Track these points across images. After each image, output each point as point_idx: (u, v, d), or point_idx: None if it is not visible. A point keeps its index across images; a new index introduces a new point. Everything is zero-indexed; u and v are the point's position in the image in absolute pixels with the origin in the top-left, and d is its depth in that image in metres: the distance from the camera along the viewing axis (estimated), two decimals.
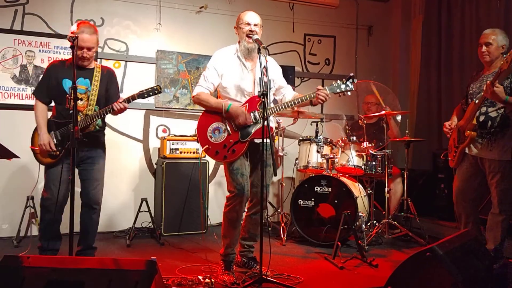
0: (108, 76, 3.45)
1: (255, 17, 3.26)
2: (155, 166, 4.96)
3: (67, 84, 3.27)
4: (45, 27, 4.54)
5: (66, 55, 4.51)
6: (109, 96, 3.44)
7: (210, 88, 3.26)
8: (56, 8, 4.60)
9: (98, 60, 4.75)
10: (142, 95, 3.27)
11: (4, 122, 4.36)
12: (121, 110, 3.30)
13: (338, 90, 3.14)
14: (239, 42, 3.32)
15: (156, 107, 4.99)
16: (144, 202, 4.39)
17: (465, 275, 2.15)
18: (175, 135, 4.81)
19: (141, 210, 4.38)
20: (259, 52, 2.98)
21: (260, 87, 3.07)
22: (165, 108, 5.01)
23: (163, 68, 4.99)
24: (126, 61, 4.90)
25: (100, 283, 1.89)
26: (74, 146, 2.69)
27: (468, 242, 2.44)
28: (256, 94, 3.20)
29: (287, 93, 3.46)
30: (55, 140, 3.29)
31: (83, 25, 3.23)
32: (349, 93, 3.15)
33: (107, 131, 4.78)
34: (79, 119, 3.24)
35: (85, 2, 4.71)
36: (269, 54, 3.05)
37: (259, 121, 3.14)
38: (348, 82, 3.14)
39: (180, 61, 5.06)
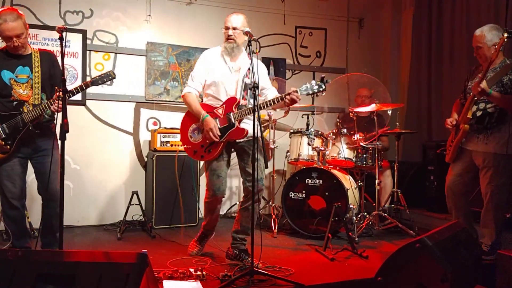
0: (49, 60, 3.26)
1: (235, 20, 3.32)
2: (145, 159, 4.94)
3: (6, 75, 3.11)
4: (33, 18, 4.47)
5: (55, 46, 4.46)
6: (54, 82, 3.25)
7: (198, 88, 3.38)
8: None
9: (87, 52, 4.70)
10: (95, 81, 3.07)
11: None
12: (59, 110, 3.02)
13: (311, 92, 3.20)
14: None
15: (146, 100, 4.96)
16: (135, 195, 4.37)
17: (454, 266, 2.18)
18: (165, 128, 4.79)
19: (131, 203, 4.37)
20: (249, 44, 3.00)
21: (251, 79, 3.08)
22: (155, 100, 4.98)
23: (153, 60, 4.95)
24: (116, 53, 4.85)
25: (91, 276, 1.88)
26: (63, 139, 2.64)
27: (457, 233, 2.46)
28: (238, 95, 3.31)
29: (269, 94, 3.49)
30: (3, 134, 3.10)
31: (4, 12, 2.99)
32: (322, 93, 3.20)
33: (97, 123, 4.79)
34: (25, 110, 3.11)
35: None
36: (260, 47, 3.04)
37: (234, 123, 3.24)
38: (321, 84, 3.18)
39: (171, 53, 5.02)
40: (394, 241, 4.17)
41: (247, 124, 3.31)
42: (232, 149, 3.46)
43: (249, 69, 3.29)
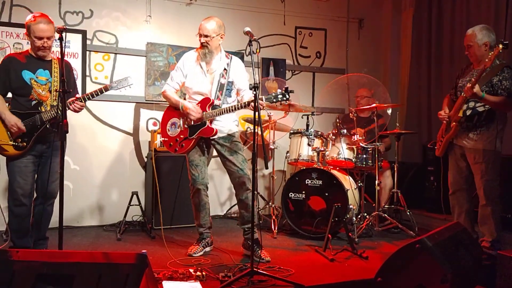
0: (66, 69, 3.36)
1: (205, 29, 3.51)
2: (145, 159, 4.94)
3: (27, 75, 3.27)
4: None
5: (55, 47, 4.44)
6: (68, 87, 3.40)
7: (175, 87, 3.70)
8: None
9: (87, 52, 4.70)
10: (114, 86, 3.34)
11: None
12: (78, 110, 3.33)
13: (275, 100, 3.31)
14: None
15: (146, 100, 4.95)
16: (134, 196, 4.37)
17: (454, 267, 2.18)
18: None
19: (131, 204, 4.36)
20: (250, 44, 3.04)
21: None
22: (155, 101, 4.98)
23: (153, 60, 4.95)
24: (116, 53, 4.85)
25: (91, 277, 1.88)
26: (63, 140, 2.68)
27: (457, 234, 2.47)
28: (212, 95, 3.55)
29: (245, 96, 3.65)
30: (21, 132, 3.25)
31: (39, 16, 3.22)
32: (285, 102, 3.34)
33: (97, 124, 4.79)
34: (43, 110, 3.28)
35: None
36: (260, 47, 3.07)
37: (205, 122, 3.51)
38: (285, 93, 3.28)
39: (171, 53, 5.02)
40: (394, 242, 4.17)
41: (221, 122, 3.58)
42: (209, 144, 3.70)
43: (225, 69, 3.58)
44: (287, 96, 3.26)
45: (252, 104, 3.25)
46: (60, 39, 2.75)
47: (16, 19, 4.42)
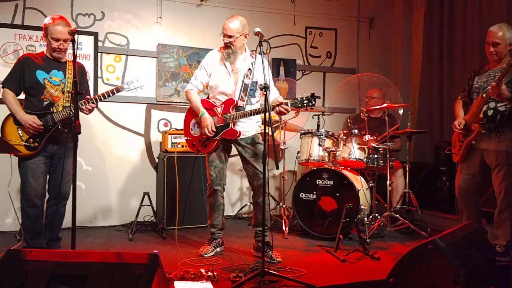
0: (80, 71, 3.48)
1: (229, 29, 3.46)
2: (156, 160, 4.97)
3: (41, 75, 3.33)
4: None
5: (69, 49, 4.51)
6: (81, 89, 3.46)
7: (198, 87, 3.64)
8: (56, 2, 4.59)
9: (99, 54, 4.74)
10: (125, 88, 3.42)
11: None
12: (89, 111, 3.40)
13: (300, 106, 3.28)
14: None
15: (157, 101, 4.98)
16: (146, 196, 4.39)
17: (467, 268, 2.16)
18: (176, 129, 4.80)
19: (143, 204, 4.39)
20: (260, 45, 3.03)
21: (252, 79, 3.45)
22: (166, 102, 5.01)
23: (164, 62, 4.98)
24: (127, 55, 4.89)
25: (103, 277, 1.90)
26: (76, 141, 2.70)
27: (470, 234, 2.44)
28: (236, 96, 3.51)
29: (270, 96, 3.51)
30: (36, 132, 3.29)
31: (56, 18, 3.30)
32: (310, 108, 3.32)
33: (108, 125, 4.83)
34: (55, 111, 3.33)
35: None
36: (270, 48, 3.07)
37: (229, 123, 3.49)
38: (311, 99, 3.24)
39: (181, 54, 5.05)
40: (406, 242, 4.14)
41: (245, 124, 3.55)
42: (231, 144, 3.67)
43: (249, 69, 3.51)
44: (313, 102, 3.21)
45: (277, 109, 3.28)
46: (72, 41, 2.78)
47: (29, 22, 4.48)
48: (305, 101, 3.23)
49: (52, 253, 2.10)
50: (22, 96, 3.42)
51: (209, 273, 2.97)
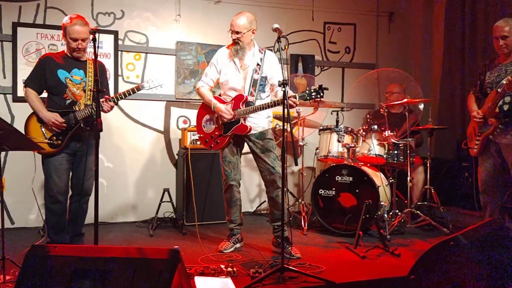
0: (100, 69, 3.51)
1: (237, 25, 3.51)
2: (176, 157, 5.01)
3: (62, 74, 3.38)
4: None
5: (88, 47, 4.55)
6: (101, 88, 3.53)
7: (209, 83, 3.71)
8: (77, 1, 4.66)
9: (119, 52, 4.80)
10: (145, 86, 3.45)
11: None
12: (108, 110, 3.44)
13: (308, 98, 3.27)
14: None
15: (176, 98, 5.02)
16: (166, 193, 4.44)
17: (490, 265, 2.12)
18: (195, 126, 4.82)
19: (163, 201, 4.44)
20: (278, 41, 3.03)
21: (260, 74, 3.53)
22: (185, 99, 5.04)
23: (182, 59, 5.01)
24: (146, 53, 4.94)
25: (125, 272, 1.93)
26: (98, 138, 2.74)
27: (493, 231, 2.40)
28: (246, 91, 3.54)
29: (279, 91, 3.58)
30: (58, 130, 3.35)
31: (74, 18, 3.33)
32: (320, 100, 3.34)
33: (129, 122, 4.89)
34: (77, 109, 3.38)
35: None
36: (288, 44, 3.05)
37: (239, 119, 3.52)
38: (319, 90, 3.23)
39: (200, 52, 5.07)
40: (427, 239, 4.09)
41: (255, 119, 3.58)
42: (243, 140, 3.70)
43: (258, 64, 3.56)
44: (321, 94, 3.21)
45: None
46: (93, 40, 2.81)
47: (51, 21, 4.56)
48: (313, 93, 3.22)
49: (75, 249, 2.14)
50: (44, 94, 3.49)
51: (229, 269, 2.99)
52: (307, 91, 3.24)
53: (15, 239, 3.98)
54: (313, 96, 3.23)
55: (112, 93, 4.52)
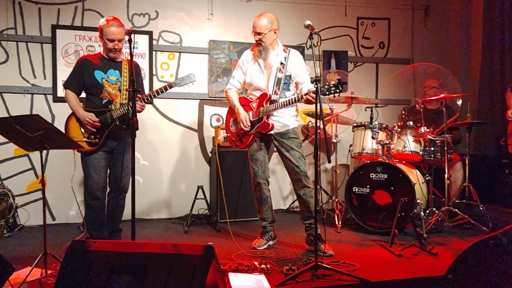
0: (135, 69, 3.60)
1: (258, 26, 3.54)
2: (209, 154, 5.07)
3: (99, 75, 3.49)
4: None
5: (125, 48, 4.67)
6: (137, 87, 3.62)
7: (236, 85, 3.80)
8: (113, 3, 4.78)
9: (153, 52, 4.89)
10: (178, 83, 3.50)
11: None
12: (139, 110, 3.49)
13: (327, 93, 3.22)
14: None
15: (209, 97, 5.07)
16: (200, 190, 4.50)
17: None
18: None
19: (197, 198, 4.50)
20: (310, 38, 3.03)
21: (285, 73, 3.56)
22: (218, 97, 5.09)
23: (215, 58, 5.06)
24: (180, 52, 5.01)
25: (161, 267, 1.97)
26: (134, 137, 2.81)
27: None
28: (270, 90, 3.59)
29: (304, 88, 3.60)
30: (94, 129, 3.46)
31: (111, 20, 3.44)
32: (337, 95, 3.24)
33: (164, 121, 4.98)
34: (113, 108, 3.48)
35: None
36: (321, 40, 3.03)
37: (262, 117, 3.58)
38: (338, 85, 3.18)
39: (232, 50, 5.10)
40: (466, 238, 3.98)
41: (278, 117, 3.61)
42: (269, 139, 3.73)
43: (282, 63, 3.59)
44: (340, 88, 3.17)
45: (305, 97, 3.33)
46: (129, 40, 2.88)
47: (88, 23, 4.69)
48: (332, 88, 3.19)
49: (114, 244, 2.20)
50: (83, 94, 3.61)
51: (263, 266, 3.00)
52: (326, 86, 3.20)
53: (57, 234, 4.13)
54: (332, 91, 3.19)
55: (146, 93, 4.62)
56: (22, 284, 2.66)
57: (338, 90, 3.19)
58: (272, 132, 3.63)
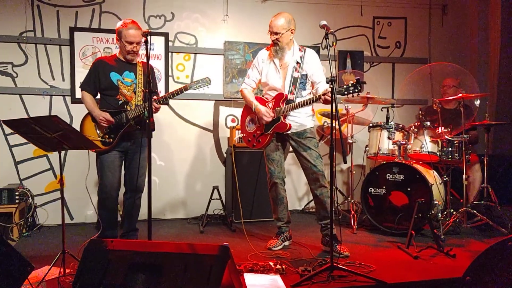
0: (150, 71, 3.62)
1: (275, 26, 3.53)
2: (225, 155, 5.08)
3: (114, 77, 3.54)
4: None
5: (141, 50, 4.71)
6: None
7: (251, 85, 3.78)
8: (129, 5, 4.83)
9: (169, 53, 4.93)
10: (193, 86, 3.52)
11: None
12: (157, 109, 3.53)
13: (346, 93, 3.23)
14: None
15: (224, 98, 5.09)
16: (215, 190, 4.52)
17: None
18: None
19: (212, 198, 4.52)
20: (326, 38, 3.01)
21: (301, 72, 3.56)
22: (233, 98, 5.10)
23: (230, 59, 5.07)
24: (196, 53, 5.03)
25: (177, 267, 1.98)
26: (150, 137, 2.83)
27: None
28: (286, 90, 3.57)
29: (319, 89, 3.60)
30: (108, 129, 3.51)
31: (129, 23, 3.50)
32: (356, 95, 3.24)
33: (179, 121, 5.01)
34: (128, 109, 3.52)
35: None
36: (336, 40, 3.02)
37: (279, 117, 3.57)
38: (357, 85, 3.18)
39: (247, 51, 5.11)
40: (484, 240, 3.93)
41: (295, 117, 3.60)
42: (285, 139, 3.73)
43: (298, 62, 3.58)
44: (359, 88, 3.16)
45: (324, 97, 3.33)
46: (146, 42, 2.91)
47: (106, 25, 4.75)
48: (351, 88, 3.18)
49: (131, 243, 2.22)
50: (99, 95, 3.67)
51: (278, 266, 3.00)
52: (344, 86, 3.20)
53: (75, 234, 4.19)
54: (351, 91, 3.18)
55: (162, 94, 4.67)
56: (41, 282, 2.70)
57: (356, 90, 3.18)
58: (289, 132, 3.62)
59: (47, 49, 4.65)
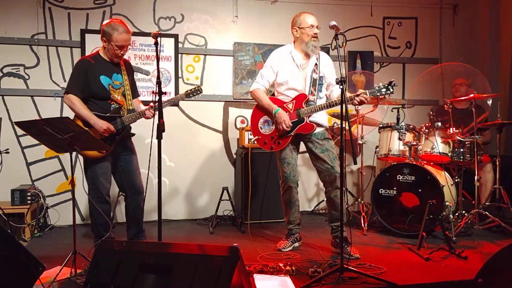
0: (131, 69, 3.59)
1: (315, 20, 3.53)
2: (234, 156, 5.09)
3: (105, 80, 3.37)
4: (131, 26, 4.78)
5: (151, 51, 4.78)
6: (134, 87, 3.62)
7: (265, 85, 3.65)
8: (140, 7, 4.86)
9: (179, 55, 4.94)
10: (184, 98, 3.49)
11: None
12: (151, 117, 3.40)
13: (378, 94, 3.23)
14: (294, 42, 3.62)
15: (234, 99, 5.10)
16: (225, 191, 4.52)
17: None
18: None
19: (222, 199, 4.53)
20: (336, 38, 3.00)
21: (319, 74, 3.52)
22: (242, 99, 5.11)
23: (240, 60, 5.08)
24: (205, 54, 5.05)
25: (187, 267, 1.99)
26: (160, 138, 2.83)
27: None
28: (306, 90, 3.51)
29: (335, 90, 3.60)
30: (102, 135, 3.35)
31: (119, 24, 3.32)
32: (388, 96, 3.28)
33: (189, 123, 5.03)
34: (121, 114, 3.41)
35: (166, 0, 4.92)
36: (346, 41, 3.01)
37: (303, 118, 3.49)
38: (389, 87, 3.21)
39: (257, 52, 5.11)
40: (496, 241, 3.88)
41: (316, 118, 3.54)
42: (301, 140, 3.68)
43: (316, 64, 3.53)
44: (391, 90, 3.18)
45: (357, 99, 3.30)
46: (156, 44, 2.89)
47: None
48: (383, 89, 3.19)
49: (141, 244, 2.23)
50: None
51: (288, 268, 2.99)
52: (376, 87, 3.22)
53: (86, 234, 4.22)
54: (383, 92, 3.20)
55: (174, 95, 4.68)
56: (52, 282, 2.73)
57: (389, 92, 3.22)
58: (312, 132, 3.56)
59: (58, 51, 4.69)
